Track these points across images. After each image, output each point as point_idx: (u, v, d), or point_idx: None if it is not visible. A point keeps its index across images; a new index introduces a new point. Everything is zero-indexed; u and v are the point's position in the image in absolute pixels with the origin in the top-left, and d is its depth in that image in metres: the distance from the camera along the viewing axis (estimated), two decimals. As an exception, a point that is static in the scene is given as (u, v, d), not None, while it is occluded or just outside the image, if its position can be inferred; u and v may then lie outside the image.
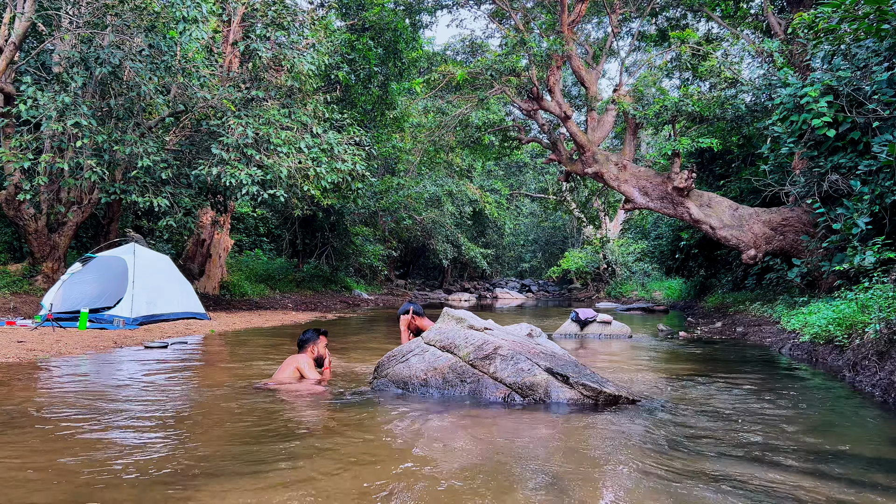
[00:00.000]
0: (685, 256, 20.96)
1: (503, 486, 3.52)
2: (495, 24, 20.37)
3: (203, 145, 14.24)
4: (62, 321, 10.71)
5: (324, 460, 3.94)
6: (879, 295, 7.37)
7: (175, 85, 13.35)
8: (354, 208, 24.48)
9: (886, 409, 5.65)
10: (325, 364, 6.87)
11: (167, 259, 13.40)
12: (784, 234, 13.21)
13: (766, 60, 15.45)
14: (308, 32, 16.19)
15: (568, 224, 46.89)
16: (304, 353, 6.65)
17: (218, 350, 9.47)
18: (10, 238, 15.76)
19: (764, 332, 11.66)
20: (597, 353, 9.85)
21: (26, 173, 12.44)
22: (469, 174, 36.46)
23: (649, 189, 14.80)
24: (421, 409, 5.35)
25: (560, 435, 4.62)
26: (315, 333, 6.82)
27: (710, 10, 17.98)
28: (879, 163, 9.56)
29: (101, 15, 12.49)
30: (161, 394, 5.94)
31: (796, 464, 4.01)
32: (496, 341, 6.02)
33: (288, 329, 12.79)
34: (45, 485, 3.44)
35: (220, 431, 4.61)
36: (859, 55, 10.35)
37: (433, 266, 41.20)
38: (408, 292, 31.09)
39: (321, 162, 13.86)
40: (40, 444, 4.15)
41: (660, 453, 4.19)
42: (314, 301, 21.27)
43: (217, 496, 3.31)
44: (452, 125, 18.86)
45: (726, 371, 7.89)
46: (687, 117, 15.08)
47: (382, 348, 8.58)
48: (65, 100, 11.25)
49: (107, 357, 8.15)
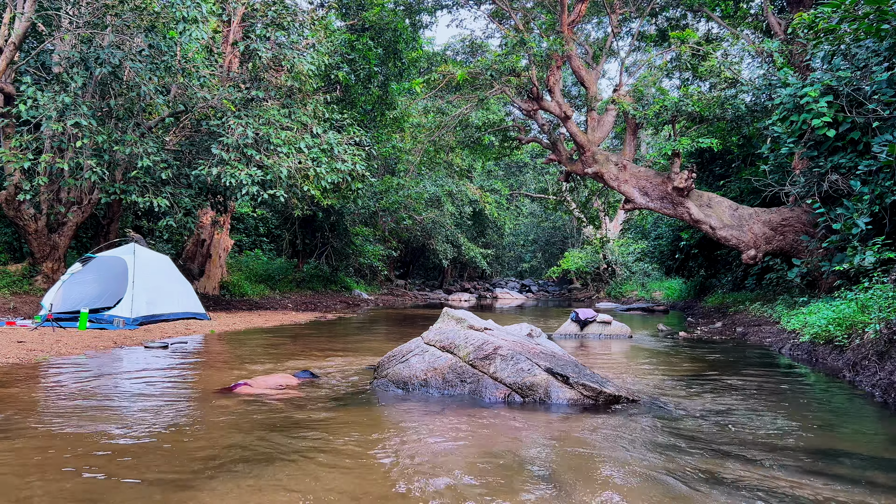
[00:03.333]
0: (685, 256, 20.95)
1: (503, 486, 3.52)
2: (495, 24, 20.37)
3: (203, 145, 14.24)
4: (62, 321, 10.71)
5: (324, 460, 3.94)
6: (879, 295, 7.38)
7: (175, 85, 13.35)
8: (354, 208, 24.48)
9: (886, 409, 5.64)
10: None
11: (167, 259, 13.40)
12: (784, 234, 13.21)
13: (766, 60, 15.45)
14: (308, 32, 16.18)
15: (568, 224, 46.88)
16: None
17: (218, 350, 9.47)
18: (10, 238, 15.76)
19: (764, 332, 11.65)
20: (597, 353, 9.85)
21: (26, 173, 12.44)
22: (469, 174, 36.46)
23: (649, 189, 14.80)
24: (421, 410, 5.35)
25: (560, 435, 4.62)
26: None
27: (710, 10, 17.98)
28: (879, 163, 9.56)
29: (101, 15, 12.48)
30: (161, 394, 5.94)
31: (796, 464, 4.01)
32: (496, 341, 6.02)
33: (288, 329, 12.79)
34: (45, 485, 3.44)
35: (219, 432, 4.61)
36: (859, 55, 10.35)
37: (433, 266, 41.20)
38: (408, 292, 31.09)
39: (321, 162, 13.86)
40: (40, 445, 4.15)
41: (660, 453, 4.19)
42: (314, 301, 21.28)
43: (217, 496, 3.31)
44: (452, 125, 18.85)
45: (726, 371, 7.89)
46: (687, 117, 15.07)
47: (382, 348, 8.58)
48: (65, 100, 11.24)
49: (107, 357, 8.15)
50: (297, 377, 6.65)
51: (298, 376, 6.71)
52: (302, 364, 7.83)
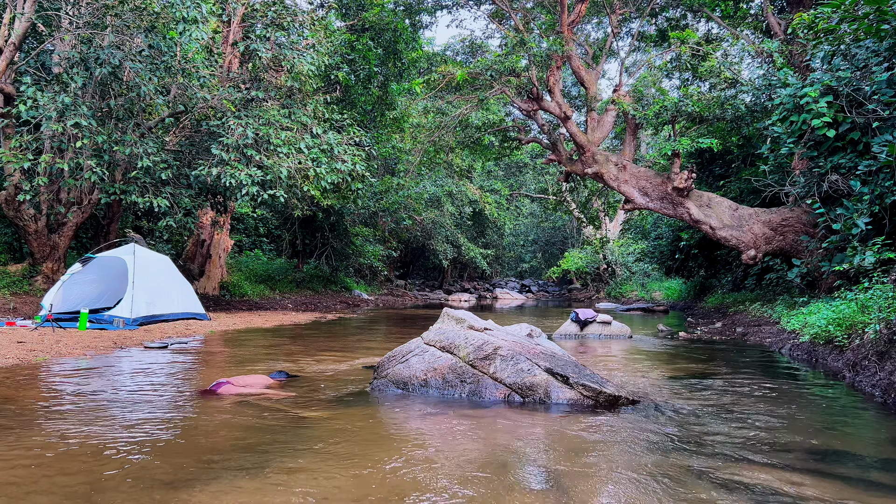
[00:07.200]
0: (685, 257, 20.95)
1: (503, 486, 3.52)
2: (495, 25, 20.37)
3: (203, 146, 14.23)
4: (62, 322, 10.71)
5: (323, 460, 3.94)
6: (879, 295, 7.37)
7: (175, 85, 13.34)
8: (354, 209, 24.46)
9: (886, 409, 5.64)
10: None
11: (167, 259, 13.40)
12: (784, 235, 13.21)
13: (765, 61, 15.45)
14: (308, 33, 16.17)
15: (568, 224, 46.87)
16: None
17: (218, 351, 9.47)
18: (10, 238, 15.75)
19: (764, 333, 11.65)
20: (597, 353, 9.85)
21: (26, 174, 12.44)
22: (469, 174, 36.44)
23: (649, 189, 14.80)
24: (421, 410, 5.35)
25: (560, 435, 4.62)
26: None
27: (710, 11, 17.98)
28: (879, 163, 9.56)
29: (101, 15, 12.48)
30: (161, 394, 5.94)
31: (797, 464, 4.01)
32: (496, 342, 6.01)
33: (288, 329, 12.79)
34: (45, 485, 3.44)
35: (219, 432, 4.61)
36: (859, 55, 10.34)
37: (433, 266, 41.18)
38: (408, 292, 31.08)
39: (321, 162, 13.86)
40: (40, 445, 4.15)
41: (660, 453, 4.19)
42: (314, 301, 21.27)
43: (217, 496, 3.31)
44: (452, 125, 18.84)
45: (726, 371, 7.89)
46: (687, 117, 15.06)
47: (382, 349, 8.58)
48: (65, 100, 11.24)
49: (107, 358, 8.15)
50: (272, 378, 6.66)
51: (274, 377, 6.73)
52: (302, 364, 7.83)
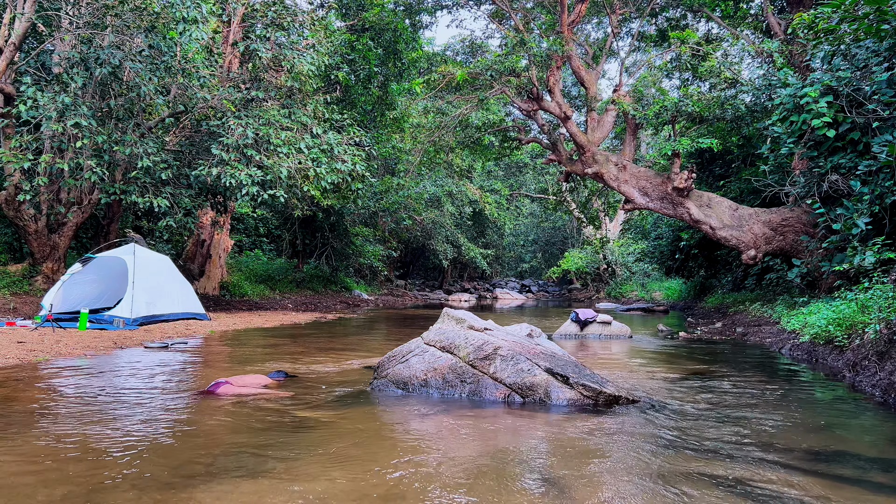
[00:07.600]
0: (685, 257, 20.95)
1: (503, 486, 3.52)
2: (495, 25, 20.37)
3: (203, 146, 14.23)
4: (62, 322, 10.71)
5: (323, 461, 3.94)
6: (879, 295, 7.37)
7: (175, 85, 13.34)
8: (354, 209, 24.47)
9: (886, 409, 5.64)
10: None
11: (167, 259, 13.39)
12: (784, 235, 13.21)
13: (765, 61, 15.45)
14: (308, 33, 16.17)
15: (568, 224, 46.87)
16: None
17: (218, 351, 9.47)
18: (10, 238, 15.75)
19: (764, 333, 11.65)
20: (597, 353, 9.85)
21: (26, 174, 12.44)
22: (469, 174, 36.44)
23: (649, 189, 14.80)
24: (421, 410, 5.35)
25: (560, 435, 4.62)
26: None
27: (710, 11, 17.97)
28: (879, 163, 9.56)
29: (101, 15, 12.48)
30: (161, 394, 5.94)
31: (796, 464, 4.01)
32: (496, 342, 6.01)
33: (288, 329, 12.79)
34: (45, 485, 3.44)
35: (219, 432, 4.62)
36: (859, 55, 10.34)
37: (433, 266, 41.17)
38: (408, 292, 31.08)
39: (321, 162, 13.86)
40: (40, 445, 4.15)
41: (660, 453, 4.19)
42: (314, 301, 21.27)
43: (217, 496, 3.31)
44: (452, 125, 18.84)
45: (726, 371, 7.89)
46: (687, 117, 15.06)
47: (382, 348, 8.58)
48: (65, 100, 11.24)
49: (107, 358, 8.15)
50: (271, 378, 6.67)
51: (272, 377, 6.74)
52: (302, 364, 7.83)
